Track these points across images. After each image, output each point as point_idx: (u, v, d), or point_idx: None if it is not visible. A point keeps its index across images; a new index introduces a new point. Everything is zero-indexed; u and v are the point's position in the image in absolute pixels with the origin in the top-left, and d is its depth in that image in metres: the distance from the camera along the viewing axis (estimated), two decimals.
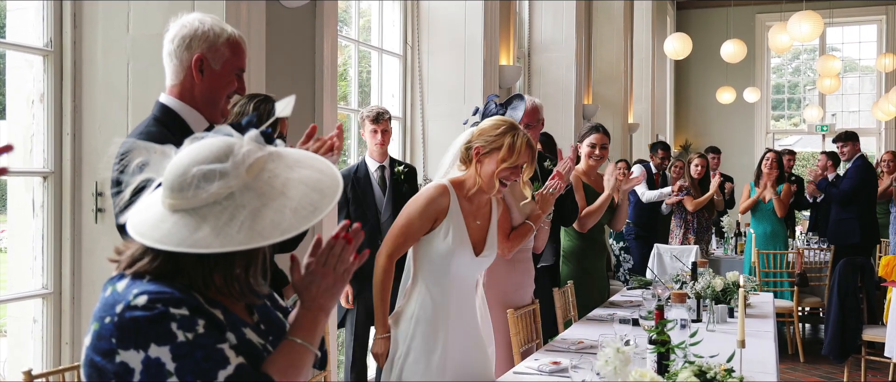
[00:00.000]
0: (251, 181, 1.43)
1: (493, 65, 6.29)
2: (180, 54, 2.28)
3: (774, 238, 7.43)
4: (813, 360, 6.93)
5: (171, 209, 1.42)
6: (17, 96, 3.50)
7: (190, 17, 2.31)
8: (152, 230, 1.41)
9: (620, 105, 10.46)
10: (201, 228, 1.39)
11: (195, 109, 2.31)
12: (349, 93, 5.83)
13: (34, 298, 3.34)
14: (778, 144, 14.91)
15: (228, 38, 2.31)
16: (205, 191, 1.40)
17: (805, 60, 16.74)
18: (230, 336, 1.46)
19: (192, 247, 1.38)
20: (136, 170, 1.48)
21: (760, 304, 4.66)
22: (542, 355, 3.35)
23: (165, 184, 1.44)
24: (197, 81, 2.29)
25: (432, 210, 2.90)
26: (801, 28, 8.73)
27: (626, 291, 5.21)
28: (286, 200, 1.43)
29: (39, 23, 3.35)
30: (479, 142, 2.96)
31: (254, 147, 1.46)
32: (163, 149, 1.49)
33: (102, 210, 3.35)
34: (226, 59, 2.31)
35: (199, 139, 1.48)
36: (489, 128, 2.98)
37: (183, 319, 1.39)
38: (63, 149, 3.39)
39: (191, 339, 1.38)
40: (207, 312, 1.44)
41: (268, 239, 1.40)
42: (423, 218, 2.90)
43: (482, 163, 2.95)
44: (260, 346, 1.52)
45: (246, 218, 1.40)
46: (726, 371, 2.53)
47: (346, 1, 5.69)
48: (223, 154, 1.43)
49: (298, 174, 1.48)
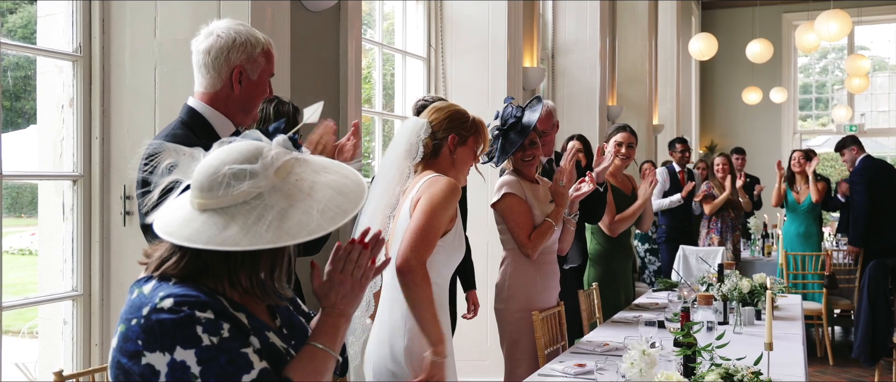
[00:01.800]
0: (279, 183, 1.45)
1: (517, 67, 6.28)
2: (219, 66, 2.32)
3: (808, 238, 7.34)
4: (842, 363, 6.84)
5: (200, 209, 1.44)
6: (47, 101, 3.56)
7: (222, 27, 2.32)
8: (181, 229, 1.43)
9: (645, 106, 10.40)
10: (230, 227, 1.41)
11: (225, 115, 2.35)
12: (373, 96, 5.85)
13: (64, 300, 3.38)
14: (805, 145, 14.74)
15: (264, 48, 2.35)
16: (235, 190, 1.42)
17: (833, 59, 16.56)
18: (254, 340, 1.47)
19: (221, 245, 1.40)
20: (165, 171, 1.51)
21: (788, 306, 4.61)
22: (568, 357, 3.34)
23: (195, 184, 1.46)
24: (235, 91, 2.33)
25: (454, 207, 2.66)
26: (828, 27, 8.63)
27: (652, 293, 5.18)
28: (313, 202, 1.45)
29: (69, 28, 3.40)
30: (450, 133, 2.76)
31: (282, 150, 1.49)
32: (191, 151, 1.51)
33: (130, 213, 3.39)
34: (262, 69, 2.36)
35: (228, 142, 1.50)
36: (454, 117, 2.79)
37: (208, 323, 1.40)
38: (92, 153, 3.43)
39: (215, 343, 1.40)
40: (232, 316, 1.45)
41: (295, 238, 1.42)
42: (447, 216, 2.62)
43: (456, 154, 2.78)
44: (283, 350, 1.53)
45: (274, 218, 1.42)
46: (754, 374, 2.50)
47: (369, 1, 5.71)
48: (253, 155, 1.46)
49: (325, 178, 1.51)
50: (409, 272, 2.49)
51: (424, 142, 2.75)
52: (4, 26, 3.14)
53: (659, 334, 3.23)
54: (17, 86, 4.23)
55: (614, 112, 9.13)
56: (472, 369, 3.77)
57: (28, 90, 4.19)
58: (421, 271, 2.50)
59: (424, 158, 2.77)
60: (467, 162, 2.82)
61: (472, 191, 5.98)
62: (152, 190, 1.53)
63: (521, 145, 3.66)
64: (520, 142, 3.67)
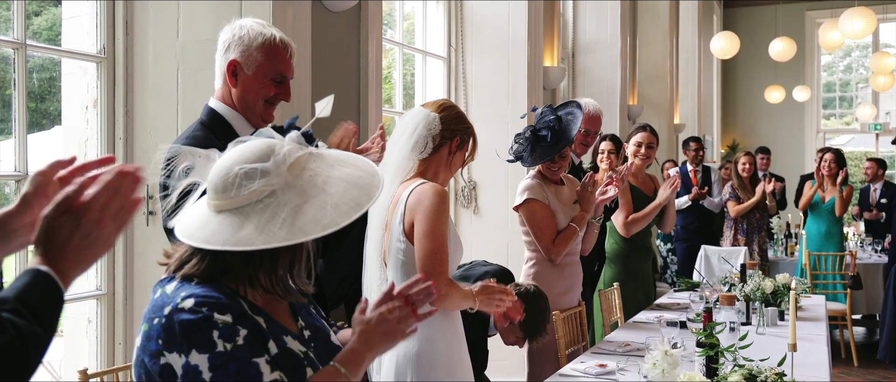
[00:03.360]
0: (292, 179, 1.45)
1: (537, 67, 6.27)
2: (219, 59, 2.31)
3: (830, 238, 7.28)
4: (867, 365, 6.76)
5: (216, 210, 1.45)
6: (72, 102, 3.60)
7: (239, 22, 2.33)
8: (198, 231, 1.44)
9: (666, 105, 10.34)
10: (245, 227, 1.41)
11: (241, 114, 2.33)
12: (393, 96, 5.86)
13: (89, 299, 3.42)
14: (829, 144, 14.58)
15: (263, 42, 2.27)
16: (246, 190, 1.43)
17: (857, 57, 16.37)
18: (271, 345, 1.47)
19: (237, 246, 1.40)
20: (182, 174, 1.52)
21: (812, 307, 4.57)
22: (589, 357, 3.33)
23: (210, 186, 1.47)
24: (231, 86, 2.30)
25: (448, 212, 2.59)
26: (853, 24, 8.52)
27: (673, 293, 5.14)
28: (327, 197, 1.45)
29: (93, 30, 3.43)
30: (456, 134, 2.67)
31: (295, 147, 1.49)
32: (207, 153, 1.52)
33: (153, 213, 3.42)
34: (259, 64, 2.28)
35: (242, 142, 1.51)
36: (461, 118, 2.71)
37: (225, 327, 1.41)
38: (115, 154, 3.47)
39: (228, 350, 1.40)
40: (250, 320, 1.45)
41: (309, 235, 1.41)
42: (447, 224, 2.55)
43: (454, 156, 2.70)
44: (301, 354, 1.52)
45: (288, 215, 1.42)
46: (777, 375, 2.48)
47: (390, 2, 5.72)
48: (264, 154, 1.46)
49: (339, 172, 1.50)
50: (442, 298, 2.45)
51: (434, 137, 2.65)
52: (30, 28, 3.18)
53: (681, 334, 3.21)
54: (42, 88, 4.28)
55: (635, 111, 9.09)
56: (494, 369, 3.77)
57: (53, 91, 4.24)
58: (446, 287, 2.48)
59: (428, 157, 2.67)
60: (458, 166, 2.74)
61: (493, 189, 6.00)
62: (170, 193, 1.54)
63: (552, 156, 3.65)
64: (554, 153, 3.65)
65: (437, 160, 2.67)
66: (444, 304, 2.49)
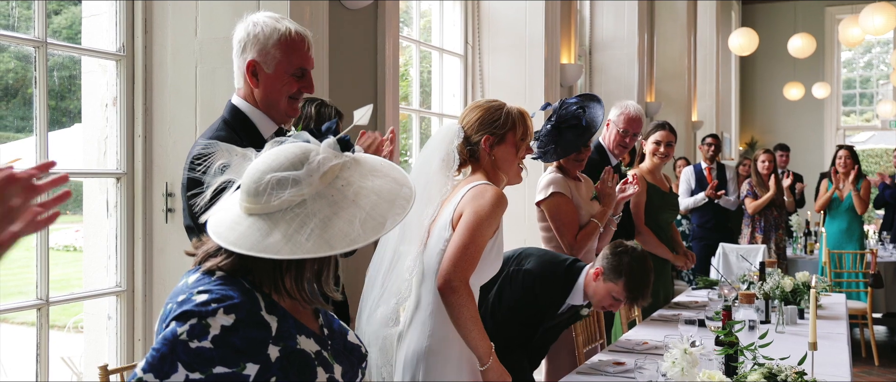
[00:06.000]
0: (324, 189, 1.44)
1: (554, 64, 6.25)
2: (239, 62, 2.28)
3: (849, 235, 7.22)
4: (889, 363, 6.70)
5: (247, 212, 1.45)
6: (91, 100, 3.63)
7: (251, 18, 2.29)
8: (228, 231, 1.44)
9: (684, 102, 10.28)
10: (273, 234, 1.41)
11: (264, 112, 2.31)
12: (410, 94, 5.86)
13: (108, 296, 3.44)
14: (849, 141, 14.45)
15: (279, 38, 2.24)
16: (277, 198, 1.42)
17: (878, 54, 16.21)
18: (270, 351, 1.43)
19: (263, 252, 1.40)
20: (218, 171, 1.52)
21: (832, 305, 4.53)
22: (606, 355, 3.32)
23: (242, 188, 1.47)
24: (253, 86, 2.28)
25: (499, 220, 2.48)
26: (873, 20, 8.43)
27: (692, 291, 5.11)
28: (357, 210, 1.43)
29: (112, 28, 3.46)
30: (483, 134, 2.57)
31: (329, 154, 1.48)
32: (244, 152, 1.52)
33: (172, 210, 3.44)
34: (278, 62, 2.26)
35: (279, 143, 1.50)
36: (486, 116, 2.59)
37: (222, 330, 1.38)
38: (135, 151, 3.49)
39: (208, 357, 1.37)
40: (258, 321, 1.43)
41: (335, 248, 1.40)
42: (492, 230, 2.45)
43: (495, 155, 2.59)
44: (313, 354, 1.50)
45: (316, 226, 1.41)
46: (798, 373, 2.46)
47: (407, 1, 5.72)
48: (299, 161, 1.45)
49: (372, 183, 1.49)
50: (451, 292, 2.38)
51: (458, 148, 2.56)
52: (50, 27, 3.21)
53: (699, 333, 3.19)
54: (62, 86, 4.32)
55: (652, 108, 9.04)
56: None
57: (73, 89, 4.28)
58: (464, 290, 2.38)
59: (465, 162, 2.61)
60: (510, 160, 2.60)
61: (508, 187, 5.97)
62: (205, 190, 1.54)
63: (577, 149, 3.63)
64: (578, 145, 3.62)
65: (483, 164, 2.59)
66: (452, 310, 2.41)
